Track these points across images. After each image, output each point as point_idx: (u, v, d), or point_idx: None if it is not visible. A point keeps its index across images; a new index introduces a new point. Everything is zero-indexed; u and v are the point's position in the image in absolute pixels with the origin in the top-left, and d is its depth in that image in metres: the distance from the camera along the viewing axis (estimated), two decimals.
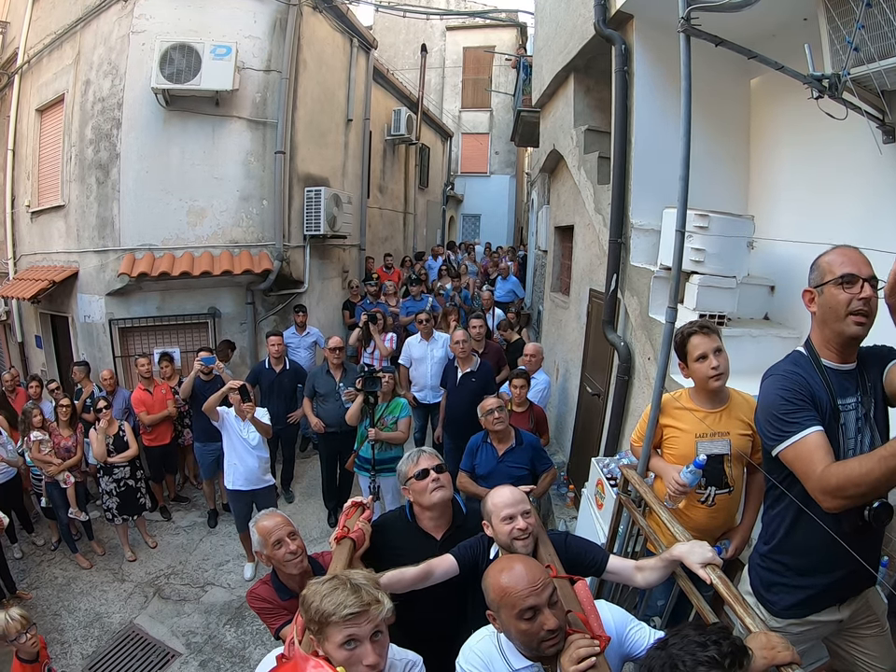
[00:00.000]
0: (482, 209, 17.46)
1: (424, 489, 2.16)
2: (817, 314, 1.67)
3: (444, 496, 2.17)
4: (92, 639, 4.00)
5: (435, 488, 2.15)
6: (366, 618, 1.41)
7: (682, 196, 2.33)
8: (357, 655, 1.40)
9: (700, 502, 2.25)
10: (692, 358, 2.20)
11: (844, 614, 1.74)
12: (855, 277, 1.55)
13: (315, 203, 6.64)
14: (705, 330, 2.19)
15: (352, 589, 1.44)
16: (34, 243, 6.95)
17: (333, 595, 1.42)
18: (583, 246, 5.08)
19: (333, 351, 4.96)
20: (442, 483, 2.18)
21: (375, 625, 1.43)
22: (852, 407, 1.64)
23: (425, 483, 2.15)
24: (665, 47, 3.51)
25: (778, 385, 1.67)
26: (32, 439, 4.59)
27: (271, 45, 6.17)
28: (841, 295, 1.56)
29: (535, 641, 1.43)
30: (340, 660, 1.40)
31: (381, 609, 1.45)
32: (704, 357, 2.16)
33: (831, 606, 1.73)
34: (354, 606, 1.40)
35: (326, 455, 5.20)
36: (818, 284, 1.64)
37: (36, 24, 6.88)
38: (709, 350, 2.16)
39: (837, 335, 1.62)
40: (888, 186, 2.65)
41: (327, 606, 1.41)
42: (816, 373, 1.65)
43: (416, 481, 2.17)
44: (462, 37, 16.52)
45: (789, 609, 1.75)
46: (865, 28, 2.11)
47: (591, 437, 4.63)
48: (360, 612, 1.40)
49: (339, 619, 1.39)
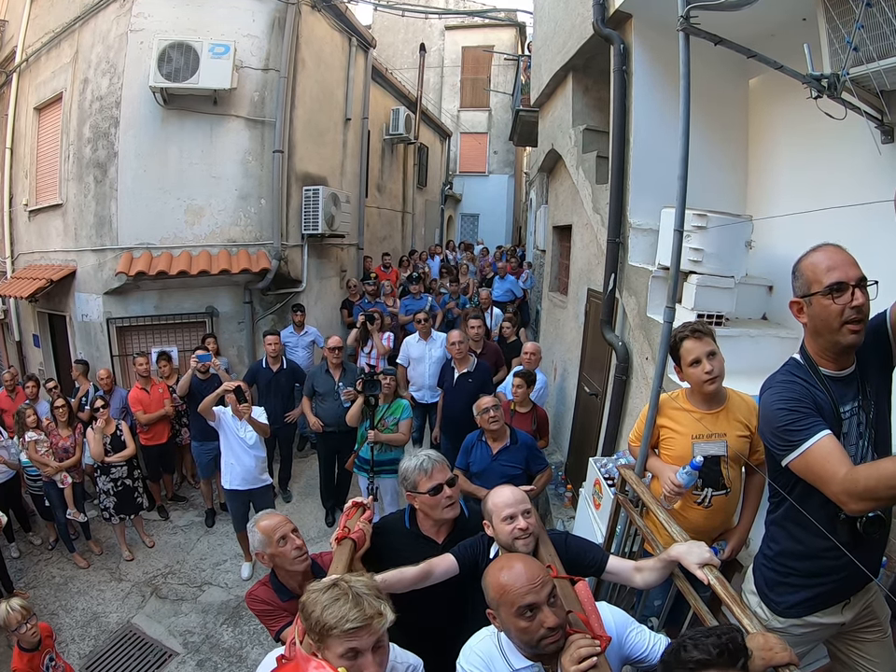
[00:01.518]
0: (480, 209, 17.47)
1: (436, 505, 2.11)
2: (808, 325, 1.61)
3: (456, 513, 2.15)
4: (90, 639, 3.99)
5: (448, 506, 2.12)
6: (367, 631, 1.37)
7: (681, 195, 2.33)
8: (357, 666, 1.37)
9: (697, 503, 2.24)
10: (685, 363, 2.19)
11: (846, 617, 1.73)
12: (844, 285, 1.48)
13: (314, 202, 6.63)
14: (697, 334, 2.17)
15: (354, 601, 1.39)
16: (31, 241, 6.94)
17: (334, 608, 1.38)
18: (581, 246, 5.08)
19: (333, 350, 4.95)
20: (455, 500, 2.15)
21: (377, 638, 1.40)
22: (854, 412, 1.60)
23: (437, 499, 2.10)
24: (663, 46, 3.51)
25: (779, 395, 1.61)
26: (27, 439, 4.58)
27: (269, 44, 6.16)
28: (832, 307, 1.49)
29: (535, 639, 1.43)
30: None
31: (383, 622, 1.40)
32: (697, 362, 2.15)
33: (833, 606, 1.71)
34: (356, 620, 1.36)
35: (324, 455, 5.19)
36: (804, 294, 1.57)
37: (35, 22, 6.86)
38: (702, 354, 2.14)
39: (833, 345, 1.56)
40: (886, 186, 2.64)
41: (328, 618, 1.37)
42: (816, 382, 1.60)
43: (429, 497, 2.11)
44: (461, 37, 16.53)
45: (792, 608, 1.74)
46: (864, 28, 2.11)
47: (589, 437, 4.63)
48: (362, 627, 1.36)
49: (340, 633, 1.35)
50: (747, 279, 3.28)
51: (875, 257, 2.64)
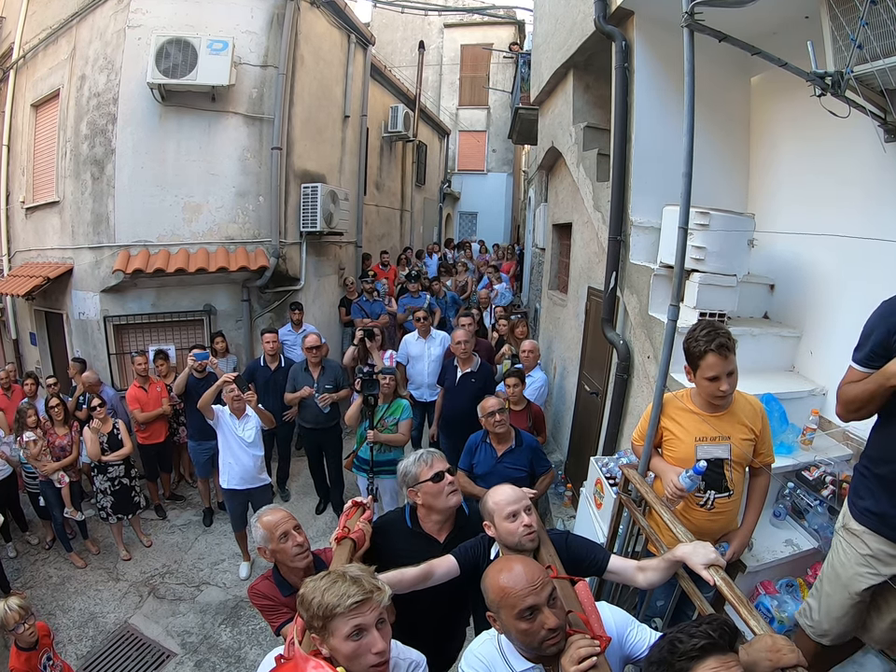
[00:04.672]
0: (479, 207, 17.47)
1: (440, 492, 2.12)
2: None
3: (459, 499, 2.16)
4: (87, 639, 3.97)
5: (451, 492, 2.13)
6: (370, 606, 1.42)
7: (685, 193, 2.31)
8: (365, 645, 1.41)
9: (699, 505, 2.23)
10: (702, 375, 2.11)
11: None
12: None
13: (312, 199, 6.60)
14: (723, 351, 2.05)
15: (352, 580, 1.45)
16: (28, 239, 6.90)
17: (334, 588, 1.43)
18: (582, 244, 5.06)
19: (310, 350, 4.95)
20: (456, 487, 2.16)
21: (379, 613, 1.44)
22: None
23: (441, 485, 2.12)
24: (665, 43, 3.50)
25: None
26: (25, 439, 4.55)
27: (268, 40, 6.11)
28: None
29: (536, 641, 1.42)
30: (347, 652, 1.40)
31: (383, 595, 1.46)
32: (715, 379, 2.08)
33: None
34: (357, 594, 1.41)
35: (307, 449, 5.32)
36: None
37: (32, 19, 6.80)
38: (723, 373, 2.07)
39: None
40: (890, 185, 2.64)
41: (329, 598, 1.41)
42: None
43: (432, 484, 2.12)
44: (460, 35, 16.50)
45: (864, 515, 1.82)
46: (869, 25, 2.10)
47: (589, 436, 4.61)
48: (364, 600, 1.41)
49: (344, 609, 1.39)
50: (748, 278, 3.27)
51: (877, 255, 2.65)
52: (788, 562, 2.48)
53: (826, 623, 1.95)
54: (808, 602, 2.05)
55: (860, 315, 1.82)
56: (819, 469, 2.60)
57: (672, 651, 1.20)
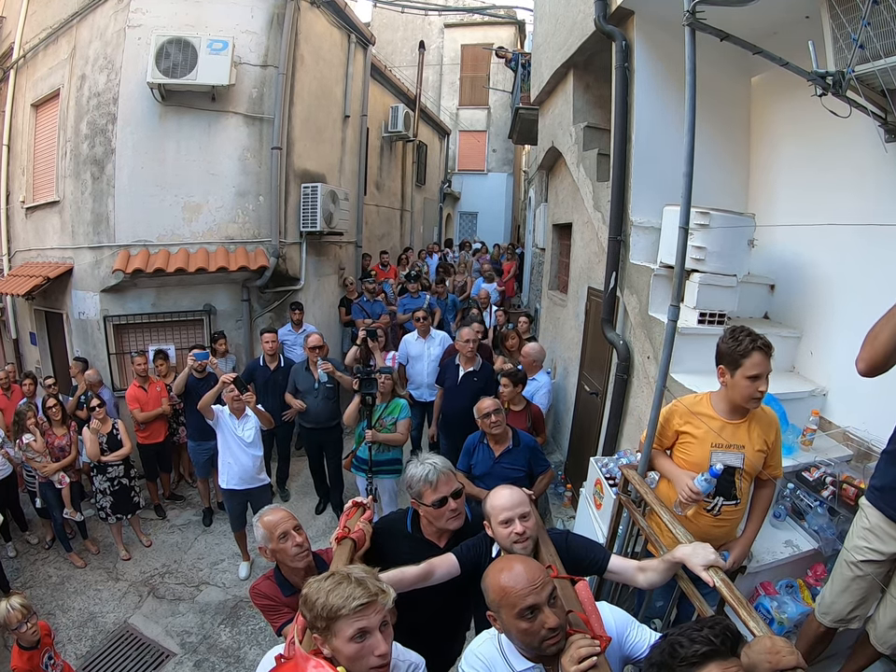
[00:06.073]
0: (479, 207, 17.47)
1: (440, 516, 2.08)
2: None
3: (460, 524, 2.12)
4: (86, 639, 3.97)
5: (451, 517, 2.09)
6: (374, 608, 1.41)
7: (686, 192, 2.30)
8: (368, 647, 1.40)
9: (706, 510, 2.22)
10: (744, 373, 2.06)
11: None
12: None
13: (312, 199, 6.59)
14: (769, 351, 2.05)
15: (356, 582, 1.44)
16: (28, 239, 6.89)
17: (339, 589, 1.42)
18: (582, 244, 5.06)
19: (313, 350, 4.95)
20: (459, 512, 2.11)
21: (383, 616, 1.44)
22: None
23: (442, 511, 2.07)
24: (666, 43, 3.50)
25: None
26: (24, 440, 4.55)
27: (268, 40, 6.11)
28: None
29: (536, 641, 1.42)
30: (349, 654, 1.39)
31: (387, 598, 1.45)
32: (757, 378, 2.05)
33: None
34: (362, 597, 1.40)
35: (307, 449, 5.30)
36: None
37: (32, 19, 6.80)
38: (765, 373, 2.05)
39: None
40: (890, 185, 2.64)
41: (334, 600, 1.40)
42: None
43: (433, 509, 2.07)
44: (460, 35, 16.50)
45: (870, 490, 1.92)
46: (870, 25, 2.09)
47: (589, 436, 4.61)
48: (369, 603, 1.40)
49: (349, 611, 1.38)
50: (748, 278, 3.26)
51: (877, 256, 2.65)
52: (788, 563, 2.48)
53: (829, 597, 2.07)
54: (825, 585, 2.17)
55: (860, 316, 1.82)
56: (820, 470, 2.60)
57: (673, 654, 1.18)
